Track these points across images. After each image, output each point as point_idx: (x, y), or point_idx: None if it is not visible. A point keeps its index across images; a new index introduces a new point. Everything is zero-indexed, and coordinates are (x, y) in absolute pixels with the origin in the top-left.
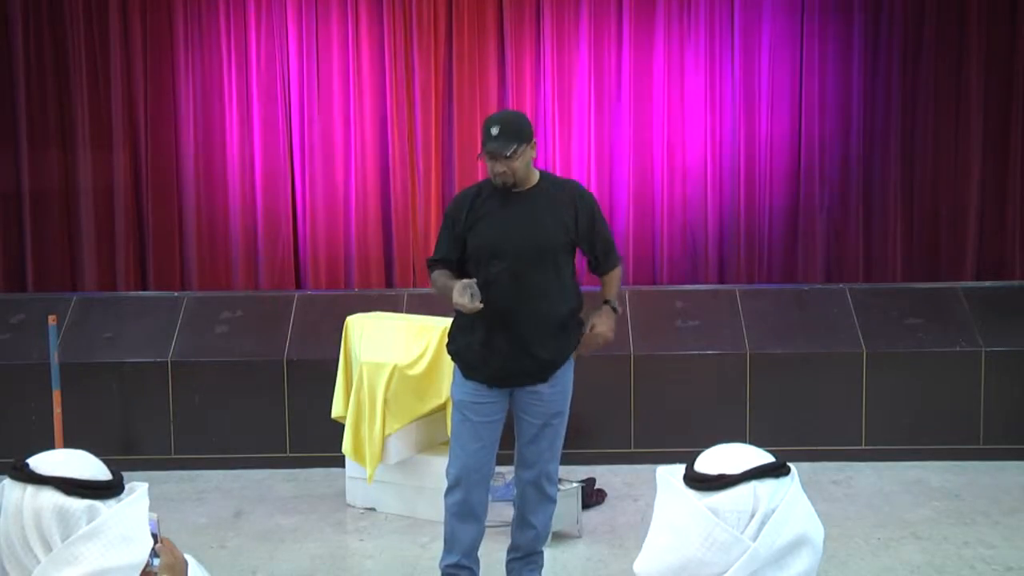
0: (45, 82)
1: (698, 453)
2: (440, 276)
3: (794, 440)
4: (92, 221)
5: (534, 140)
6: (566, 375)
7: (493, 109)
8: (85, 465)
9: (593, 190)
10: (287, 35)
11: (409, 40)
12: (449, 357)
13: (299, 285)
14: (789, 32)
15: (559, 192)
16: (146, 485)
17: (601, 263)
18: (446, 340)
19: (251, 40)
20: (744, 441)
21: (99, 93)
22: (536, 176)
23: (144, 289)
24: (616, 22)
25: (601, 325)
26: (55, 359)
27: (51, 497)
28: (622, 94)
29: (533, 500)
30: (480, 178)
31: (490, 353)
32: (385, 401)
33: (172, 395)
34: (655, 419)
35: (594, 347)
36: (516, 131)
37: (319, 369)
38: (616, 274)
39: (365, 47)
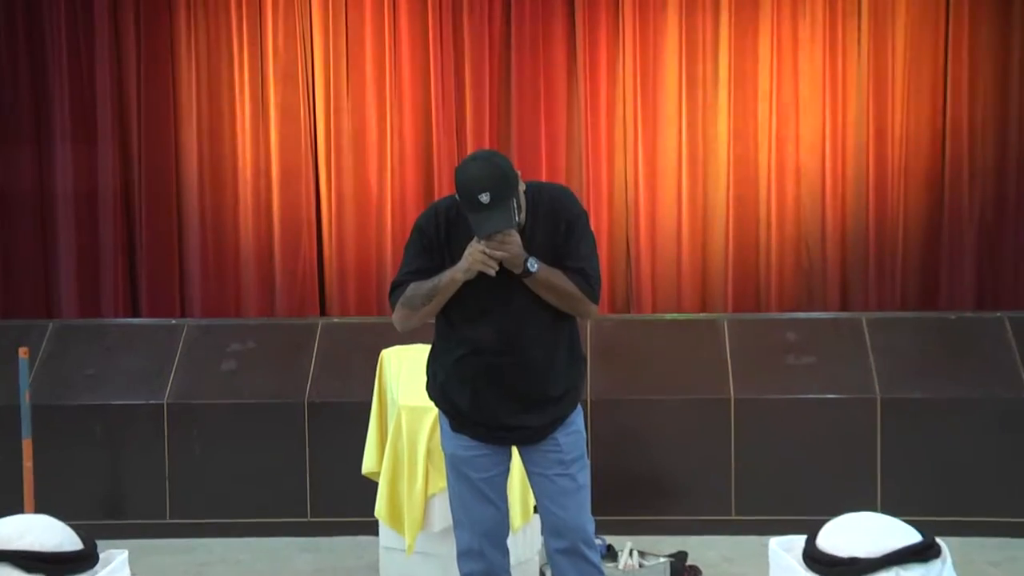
0: (16, 61)
1: (818, 524)
2: (419, 283)
3: (939, 509)
4: (72, 232)
5: (519, 174)
6: (578, 418)
7: (559, 96)
8: (49, 533)
9: (684, 196)
10: (310, 8)
11: (458, 14)
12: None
13: (323, 310)
14: (931, 3)
15: (542, 206)
16: (125, 554)
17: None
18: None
19: (266, 14)
20: (875, 509)
21: (81, 75)
22: (524, 196)
23: (135, 315)
24: None
25: (515, 237)
26: (26, 400)
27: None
28: (719, 79)
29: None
30: (545, 178)
31: (481, 414)
32: (428, 454)
33: (168, 445)
34: (761, 479)
35: (493, 248)
36: (506, 187)
37: (347, 414)
38: (573, 287)
39: (404, 23)
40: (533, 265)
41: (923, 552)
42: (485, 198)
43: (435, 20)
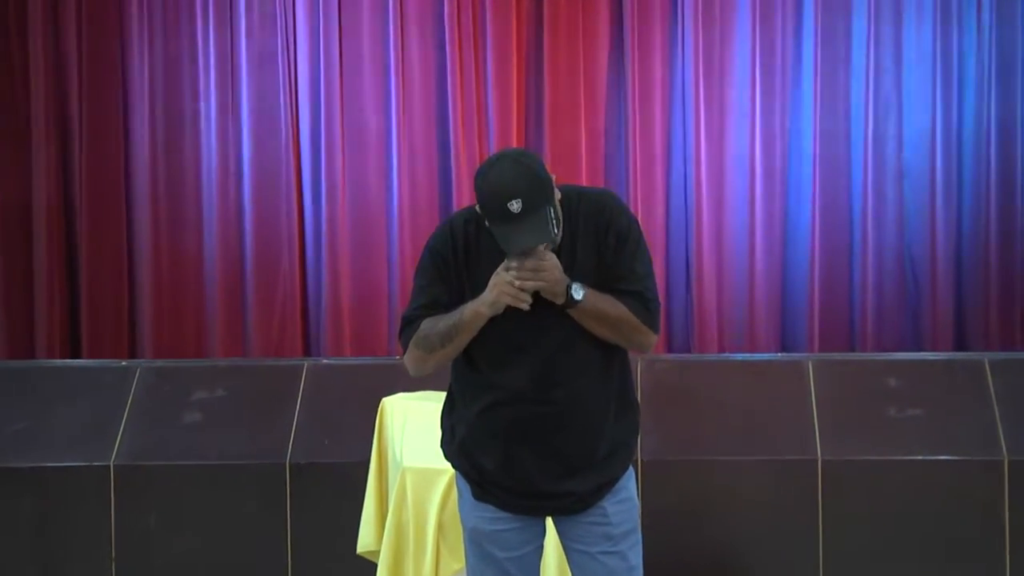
0: None
1: None
2: (435, 318)
3: None
4: None
5: (553, 178)
6: (630, 483)
7: (601, 84)
8: None
9: (757, 206)
10: None
11: None
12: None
13: (309, 350)
14: None
15: (583, 217)
16: None
17: (621, 299)
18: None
19: None
20: None
21: (11, 67)
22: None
23: (76, 356)
24: None
25: (551, 258)
26: None
27: None
28: (802, 63)
29: None
30: (585, 183)
31: (512, 478)
32: (440, 527)
33: (115, 518)
34: (856, 560)
35: (524, 277)
36: (540, 192)
37: (339, 478)
38: (627, 314)
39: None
40: (578, 292)
41: None
42: (515, 206)
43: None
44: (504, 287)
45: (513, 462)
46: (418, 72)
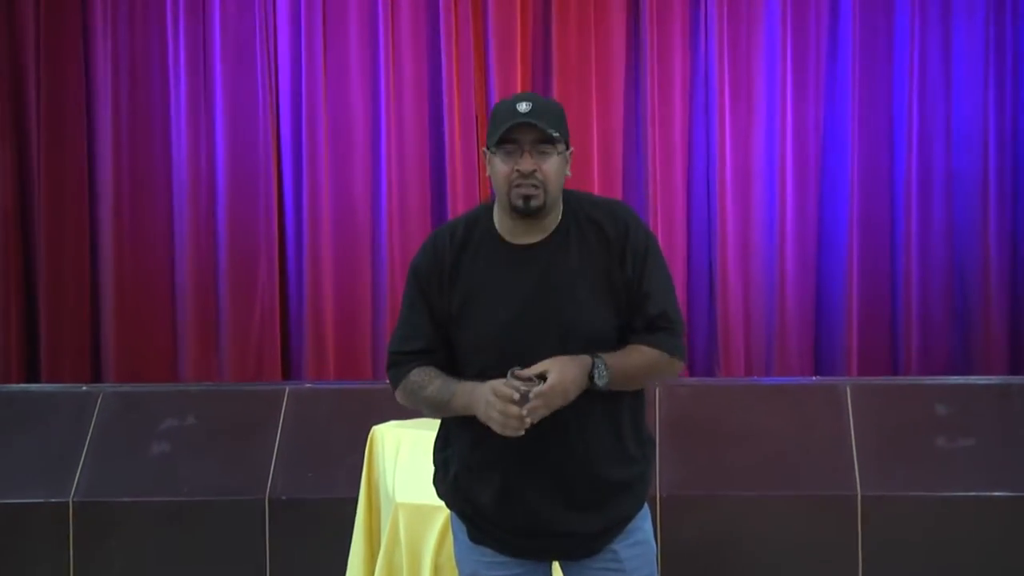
0: None
1: None
2: (426, 377)
3: None
4: None
5: (571, 148)
6: (645, 523)
7: (616, 79)
8: None
9: (789, 213)
10: None
11: None
12: None
13: (289, 372)
14: None
15: (595, 234)
16: None
17: (637, 333)
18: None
19: None
20: None
21: None
22: (560, 208)
23: (32, 380)
24: None
25: (555, 375)
26: None
27: None
28: (839, 59)
29: None
30: (597, 190)
31: (511, 514)
32: (435, 570)
33: (74, 560)
34: None
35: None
36: (557, 116)
37: (323, 515)
38: (650, 356)
39: None
40: (602, 377)
41: None
42: (524, 107)
43: None
44: (495, 412)
45: (512, 495)
46: (410, 66)
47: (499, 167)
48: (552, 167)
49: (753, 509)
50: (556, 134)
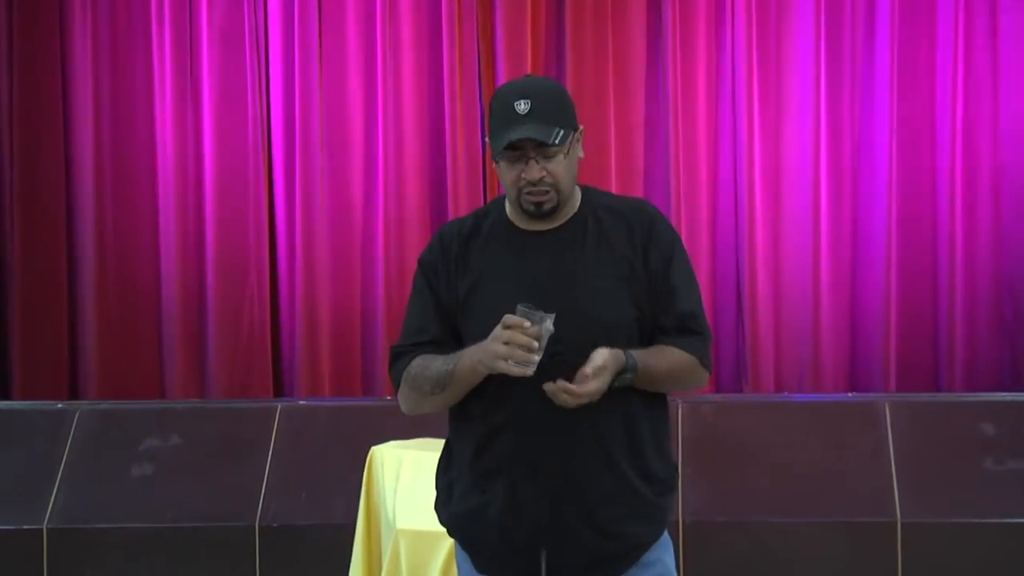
0: None
1: None
2: (429, 359)
3: None
4: None
5: (581, 128)
6: (666, 555)
7: (635, 73)
8: None
9: (824, 215)
10: None
11: None
12: None
13: (281, 388)
14: None
15: (616, 223)
16: None
17: (670, 333)
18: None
19: None
20: None
21: None
22: (577, 197)
23: (4, 397)
24: None
25: (595, 365)
26: None
27: None
28: (877, 47)
29: None
30: (615, 190)
31: (518, 530)
32: None
33: None
34: None
35: (560, 396)
36: (558, 107)
37: (319, 542)
38: (681, 358)
39: None
40: (629, 373)
41: None
42: (522, 106)
43: None
44: (506, 350)
45: (519, 507)
46: (411, 55)
47: (505, 172)
48: (560, 166)
49: (784, 537)
50: (553, 140)
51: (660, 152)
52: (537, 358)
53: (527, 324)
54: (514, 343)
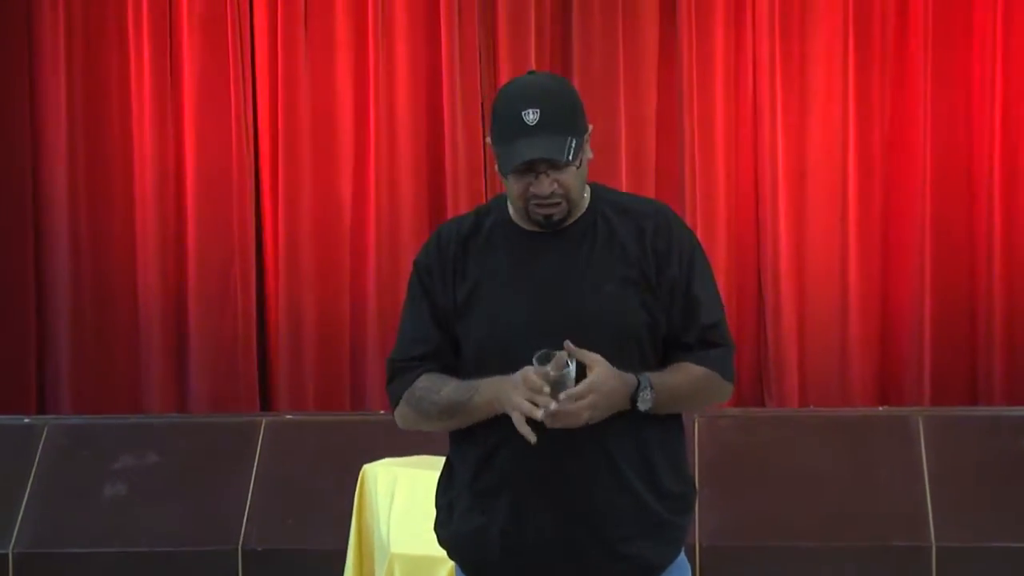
0: None
1: None
2: (438, 381)
3: None
4: None
5: (591, 128)
6: (684, 574)
7: (648, 63)
8: None
9: (852, 213)
10: None
11: None
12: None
13: (267, 403)
14: None
15: (627, 224)
16: None
17: (691, 349)
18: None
19: None
20: None
21: None
22: (586, 196)
23: None
24: None
25: (596, 375)
26: None
27: None
28: (907, 31)
29: None
30: (626, 188)
31: (521, 550)
32: None
33: None
34: None
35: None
36: (569, 113)
37: (307, 568)
38: (702, 376)
39: None
40: (646, 401)
41: None
42: (531, 116)
43: None
44: (522, 399)
45: (524, 522)
46: (405, 41)
47: (512, 184)
48: (571, 177)
49: (808, 563)
50: (571, 154)
51: (674, 147)
52: (555, 405)
53: (547, 389)
54: (533, 398)
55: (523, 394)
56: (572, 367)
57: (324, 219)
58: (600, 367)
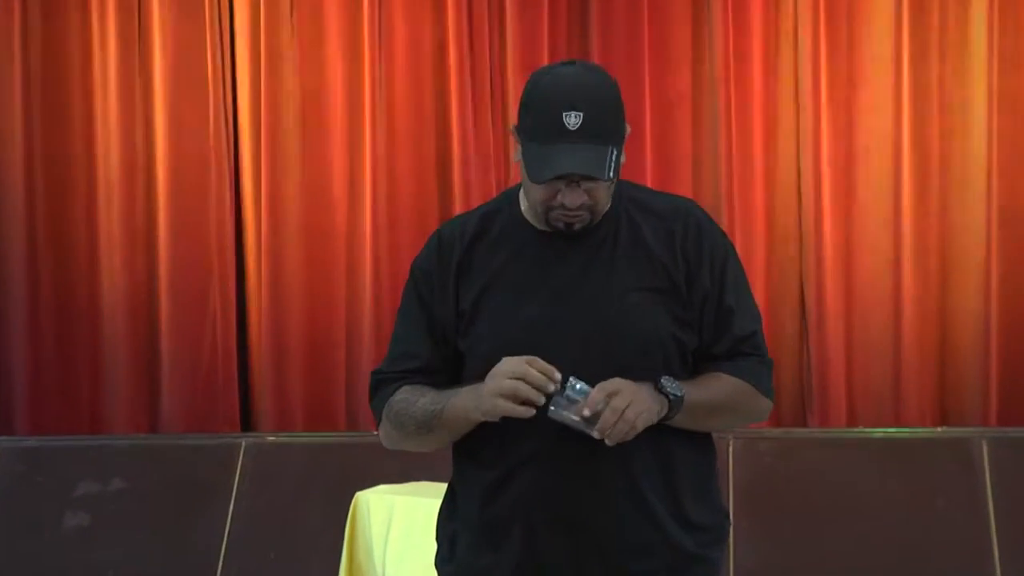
0: None
1: None
2: (417, 392)
3: None
4: None
5: (629, 129)
6: None
7: (677, 47)
8: None
9: (907, 213)
10: None
11: None
12: None
13: (248, 423)
14: None
15: (654, 225)
16: None
17: (719, 360)
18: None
19: None
20: None
21: None
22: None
23: None
24: None
25: (606, 382)
26: None
27: None
28: (969, 17)
29: None
30: (651, 184)
31: None
32: None
33: None
34: None
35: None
36: (613, 118)
37: None
38: (733, 387)
39: None
40: (674, 386)
41: None
42: (573, 120)
43: None
44: (510, 384)
45: (538, 557)
46: (402, 24)
47: (536, 188)
48: (603, 189)
49: None
50: (612, 170)
51: (707, 134)
52: (542, 400)
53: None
54: (527, 380)
55: (503, 375)
56: (583, 384)
57: (314, 215)
58: (605, 381)
